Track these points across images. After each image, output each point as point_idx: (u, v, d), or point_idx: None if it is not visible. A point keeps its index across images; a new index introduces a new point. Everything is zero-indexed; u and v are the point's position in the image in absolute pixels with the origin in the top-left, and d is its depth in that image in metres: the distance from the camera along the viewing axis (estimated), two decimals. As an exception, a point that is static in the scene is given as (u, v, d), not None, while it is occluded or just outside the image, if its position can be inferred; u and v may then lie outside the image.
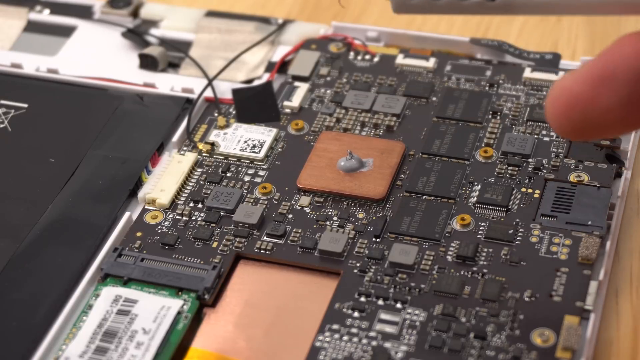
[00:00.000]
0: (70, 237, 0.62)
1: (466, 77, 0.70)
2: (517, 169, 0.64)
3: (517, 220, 0.61)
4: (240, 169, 0.66)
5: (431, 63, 0.71)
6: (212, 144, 0.67)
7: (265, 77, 0.72)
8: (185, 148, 0.67)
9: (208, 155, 0.67)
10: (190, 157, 0.66)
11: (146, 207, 0.64)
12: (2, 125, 0.69)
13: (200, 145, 0.67)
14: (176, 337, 0.57)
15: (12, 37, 0.77)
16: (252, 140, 0.67)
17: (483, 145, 0.65)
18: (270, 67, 0.73)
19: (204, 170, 0.66)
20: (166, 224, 0.63)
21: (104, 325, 0.57)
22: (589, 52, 0.75)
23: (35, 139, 0.68)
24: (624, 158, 0.64)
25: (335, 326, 0.57)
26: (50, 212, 0.63)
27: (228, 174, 0.65)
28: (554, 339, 0.55)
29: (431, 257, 0.59)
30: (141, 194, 0.64)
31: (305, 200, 0.63)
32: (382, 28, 0.74)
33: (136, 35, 0.76)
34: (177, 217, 0.63)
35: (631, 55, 0.45)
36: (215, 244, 0.61)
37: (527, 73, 0.70)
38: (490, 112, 0.68)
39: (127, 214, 0.63)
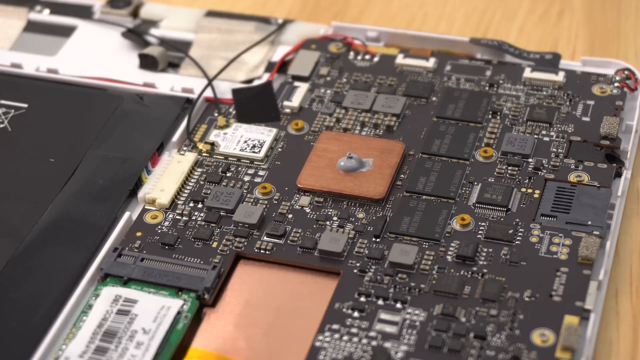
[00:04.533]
0: (70, 237, 0.62)
1: (466, 77, 0.70)
2: (517, 169, 0.64)
3: (517, 220, 0.61)
4: (240, 169, 0.66)
5: (431, 63, 0.71)
6: (212, 144, 0.67)
7: (265, 77, 0.72)
8: (185, 148, 0.67)
9: (208, 155, 0.67)
10: (190, 157, 0.66)
11: (146, 207, 0.64)
12: (2, 125, 0.69)
13: (200, 145, 0.67)
14: (176, 337, 0.57)
15: (12, 37, 0.77)
16: (252, 140, 0.67)
17: (483, 145, 0.65)
18: (270, 67, 0.73)
19: (204, 170, 0.66)
20: (166, 224, 0.63)
21: (104, 325, 0.57)
22: (589, 52, 0.75)
23: (35, 139, 0.68)
24: (624, 158, 0.64)
25: (335, 326, 0.57)
26: (50, 212, 0.63)
27: (228, 174, 0.65)
28: (554, 339, 0.55)
29: (431, 257, 0.59)
30: (141, 193, 0.64)
31: (305, 200, 0.63)
32: (382, 28, 0.74)
33: (136, 35, 0.76)
34: (177, 217, 0.63)
35: None
36: (215, 244, 0.61)
37: (527, 73, 0.70)
38: (490, 112, 0.68)
39: (127, 214, 0.63)
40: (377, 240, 0.61)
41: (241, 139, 0.67)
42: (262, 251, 0.61)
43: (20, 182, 0.65)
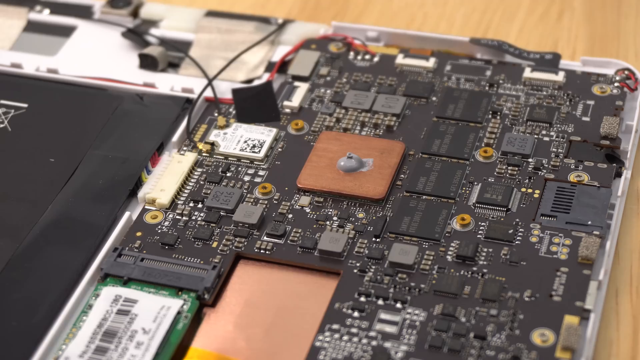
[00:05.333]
0: (70, 237, 0.62)
1: (466, 77, 0.70)
2: (517, 169, 0.64)
3: (517, 220, 0.61)
4: (240, 168, 0.66)
5: (431, 63, 0.71)
6: (212, 144, 0.67)
7: (265, 77, 0.72)
8: (185, 148, 0.67)
9: (208, 155, 0.67)
10: (190, 157, 0.66)
11: (146, 207, 0.64)
12: (2, 125, 0.69)
13: (200, 145, 0.67)
14: (176, 337, 0.57)
15: (12, 37, 0.77)
16: (252, 140, 0.67)
17: (483, 145, 0.65)
18: (270, 67, 0.73)
19: (204, 170, 0.66)
20: (166, 223, 0.63)
21: (104, 325, 0.57)
22: (589, 52, 0.75)
23: (35, 139, 0.68)
24: (624, 158, 0.64)
25: (335, 326, 0.57)
26: (50, 212, 0.63)
27: (228, 174, 0.65)
28: (554, 339, 0.55)
29: (431, 257, 0.59)
30: (141, 193, 0.64)
31: (305, 200, 0.63)
32: (382, 28, 0.74)
33: (136, 35, 0.76)
34: (177, 217, 0.63)
35: None
36: (215, 244, 0.61)
37: (527, 73, 0.70)
38: (490, 112, 0.68)
39: (127, 214, 0.63)
40: (377, 240, 0.61)
41: (241, 139, 0.67)
42: (262, 251, 0.61)
43: (20, 182, 0.65)
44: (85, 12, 0.79)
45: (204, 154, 0.67)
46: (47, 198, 0.64)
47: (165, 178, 0.65)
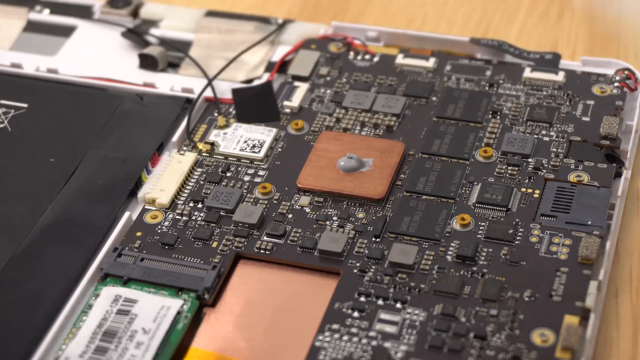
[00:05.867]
0: (70, 237, 0.62)
1: (466, 77, 0.70)
2: (517, 168, 0.64)
3: (517, 220, 0.61)
4: (240, 168, 0.66)
5: (431, 63, 0.71)
6: (212, 144, 0.67)
7: (265, 77, 0.72)
8: (185, 148, 0.67)
9: (208, 155, 0.67)
10: (190, 157, 0.66)
11: (146, 207, 0.64)
12: (2, 125, 0.69)
13: (200, 145, 0.67)
14: (176, 337, 0.57)
15: (12, 37, 0.77)
16: (252, 140, 0.67)
17: (483, 145, 0.65)
18: (270, 67, 0.73)
19: (204, 170, 0.66)
20: (166, 223, 0.63)
21: (104, 325, 0.57)
22: (589, 52, 0.75)
23: (35, 139, 0.68)
24: (624, 158, 0.64)
25: (335, 326, 0.57)
26: (50, 212, 0.63)
27: (228, 174, 0.65)
28: (554, 339, 0.55)
29: (431, 257, 0.59)
30: (141, 193, 0.64)
31: (305, 200, 0.63)
32: (382, 28, 0.74)
33: (136, 35, 0.76)
34: (177, 217, 0.63)
35: None
36: (215, 244, 0.61)
37: (527, 73, 0.70)
38: (490, 112, 0.68)
39: (127, 214, 0.63)
40: (377, 240, 0.61)
41: (241, 139, 0.67)
42: (262, 251, 0.61)
43: (20, 182, 0.65)
44: (85, 12, 0.79)
45: (204, 154, 0.67)
46: (47, 198, 0.64)
47: (165, 178, 0.65)
